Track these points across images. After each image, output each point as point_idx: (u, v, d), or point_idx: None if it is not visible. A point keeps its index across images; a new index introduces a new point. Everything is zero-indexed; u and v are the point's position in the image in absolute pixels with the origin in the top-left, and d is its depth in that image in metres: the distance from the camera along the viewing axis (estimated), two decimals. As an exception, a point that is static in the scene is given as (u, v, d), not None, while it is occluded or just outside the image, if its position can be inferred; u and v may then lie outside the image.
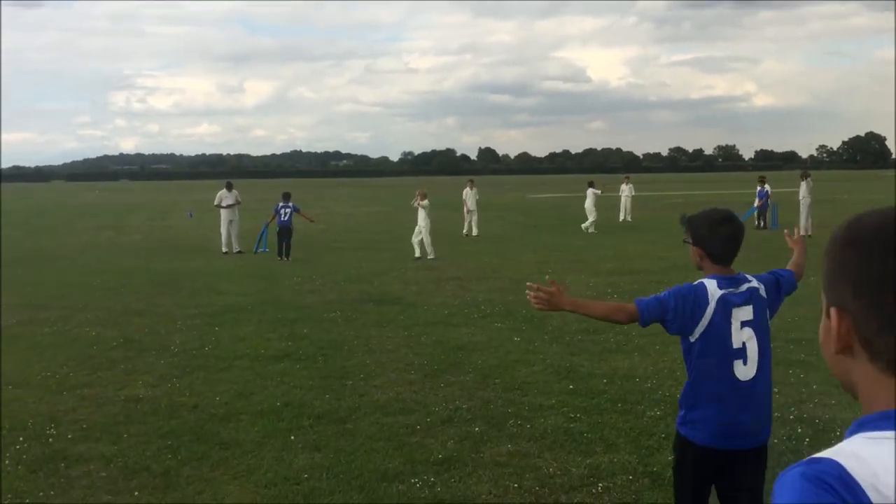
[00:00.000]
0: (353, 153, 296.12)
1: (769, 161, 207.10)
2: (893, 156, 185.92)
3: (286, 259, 18.73)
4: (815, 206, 23.26)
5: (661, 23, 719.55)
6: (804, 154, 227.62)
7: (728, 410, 3.30)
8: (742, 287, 3.35)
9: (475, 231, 24.73)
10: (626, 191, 30.15)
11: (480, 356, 8.57)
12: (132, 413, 6.80)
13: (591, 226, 25.32)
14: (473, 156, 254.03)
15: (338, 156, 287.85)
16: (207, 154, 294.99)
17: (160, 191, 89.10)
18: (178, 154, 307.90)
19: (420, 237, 18.36)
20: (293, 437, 6.04)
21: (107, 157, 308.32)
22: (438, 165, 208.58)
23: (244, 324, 10.76)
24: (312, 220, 21.42)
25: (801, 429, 6.00)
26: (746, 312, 3.34)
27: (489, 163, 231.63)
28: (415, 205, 18.75)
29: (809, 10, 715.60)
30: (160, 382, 7.77)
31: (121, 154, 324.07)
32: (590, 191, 26.02)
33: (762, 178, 26.80)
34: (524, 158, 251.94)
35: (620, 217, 29.51)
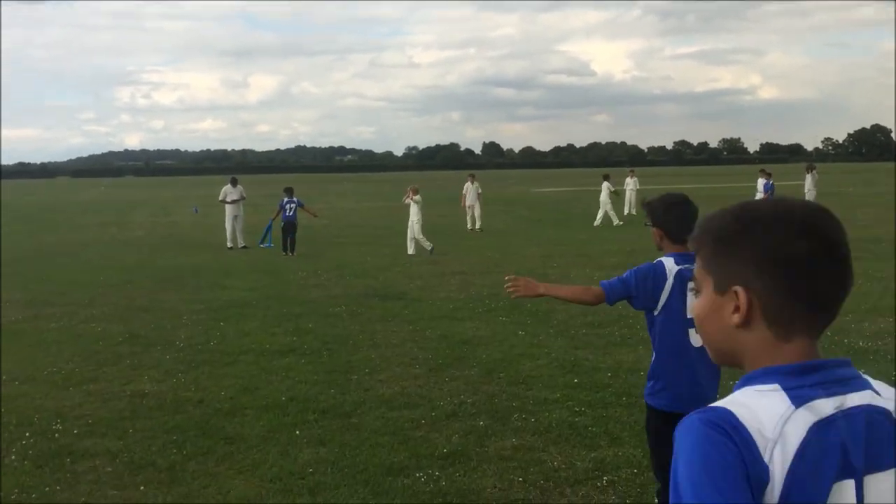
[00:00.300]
0: (358, 148, 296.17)
1: (774, 154, 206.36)
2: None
3: (291, 254, 18.74)
4: (821, 199, 23.18)
5: (666, 15, 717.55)
6: (809, 147, 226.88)
7: (686, 375, 3.64)
8: None
9: (478, 224, 24.74)
10: (631, 184, 30.15)
11: (485, 350, 8.57)
12: (138, 408, 6.81)
13: (605, 218, 25.99)
14: (478, 150, 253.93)
15: (342, 151, 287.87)
16: (212, 150, 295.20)
17: (165, 186, 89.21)
18: (183, 150, 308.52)
19: (417, 235, 18.31)
20: (298, 432, 6.05)
21: (112, 154, 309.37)
22: (443, 160, 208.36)
23: (249, 319, 10.77)
24: (316, 215, 21.43)
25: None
26: None
27: (493, 157, 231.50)
28: (406, 201, 18.73)
29: (814, 2, 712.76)
30: (166, 377, 7.79)
31: (125, 150, 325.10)
32: (605, 184, 26.82)
33: (763, 171, 26.79)
34: (528, 152, 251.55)
35: (625, 211, 29.46)
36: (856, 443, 1.15)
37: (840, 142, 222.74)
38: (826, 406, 1.15)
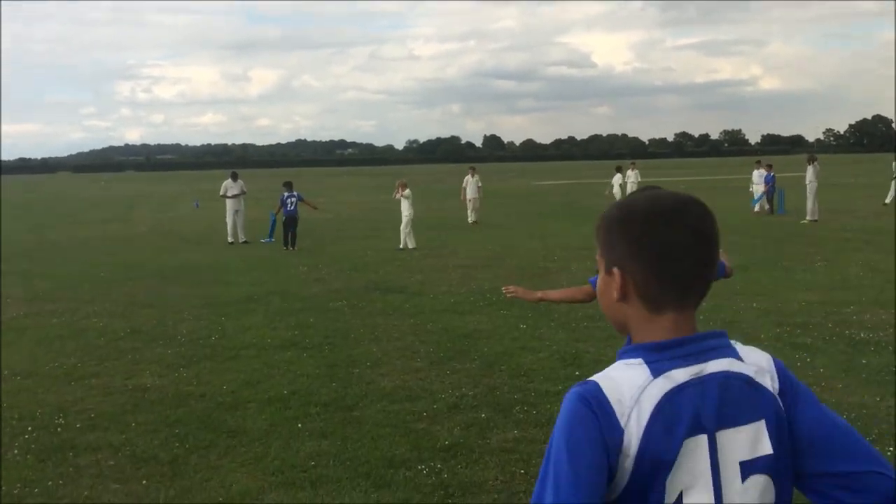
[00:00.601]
0: (359, 141, 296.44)
1: (776, 145, 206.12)
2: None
3: (292, 249, 18.75)
4: (822, 191, 23.11)
5: (666, 6, 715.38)
6: (811, 138, 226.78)
7: None
8: None
9: (472, 218, 24.71)
10: (633, 177, 30.12)
11: (486, 343, 8.58)
12: (140, 402, 6.82)
13: None
14: (478, 143, 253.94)
15: (343, 144, 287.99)
16: (213, 144, 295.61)
17: (166, 181, 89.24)
18: (184, 144, 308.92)
19: (408, 228, 18.30)
20: (300, 425, 6.06)
21: (112, 148, 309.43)
22: (444, 153, 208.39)
23: (251, 313, 10.78)
24: (316, 207, 21.44)
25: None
26: None
27: (494, 150, 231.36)
28: (396, 196, 18.70)
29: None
30: (167, 372, 7.80)
31: (126, 145, 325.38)
32: (617, 175, 28.42)
33: (759, 163, 26.88)
34: (529, 145, 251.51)
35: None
36: (708, 404, 1.34)
37: (841, 133, 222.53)
38: (681, 375, 1.35)
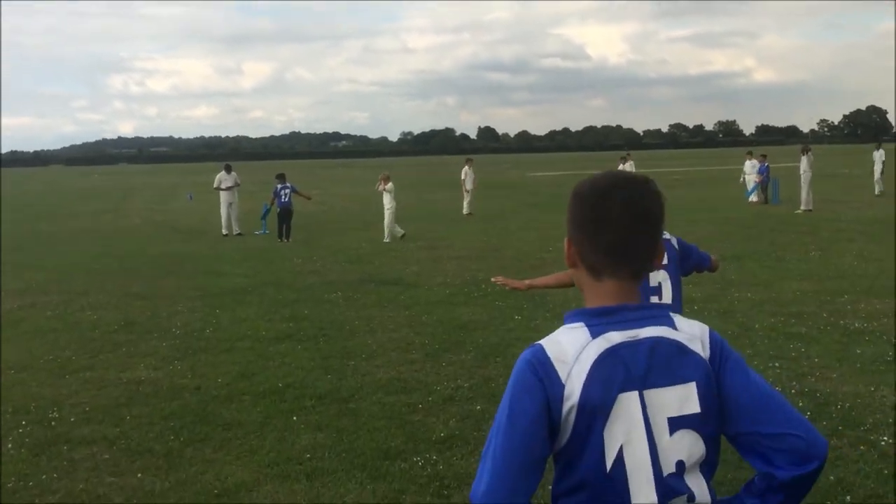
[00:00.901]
0: (353, 134, 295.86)
1: (770, 136, 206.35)
2: (894, 129, 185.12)
3: (286, 240, 18.72)
4: (817, 181, 23.16)
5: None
6: (805, 129, 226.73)
7: None
8: None
9: (467, 210, 24.68)
10: (628, 168, 30.34)
11: (482, 335, 8.58)
12: (134, 395, 6.81)
13: None
14: (473, 135, 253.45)
15: (337, 137, 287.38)
16: (206, 136, 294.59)
17: (159, 174, 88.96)
18: (177, 137, 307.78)
19: (388, 221, 18.25)
20: (295, 418, 6.05)
21: (105, 141, 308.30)
22: (438, 145, 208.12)
23: (245, 305, 10.76)
24: (310, 198, 21.40)
25: (803, 402, 5.99)
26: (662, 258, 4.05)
27: (489, 142, 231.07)
28: (379, 189, 18.65)
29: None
30: (162, 364, 7.78)
31: (119, 137, 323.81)
32: (621, 166, 29.01)
33: (750, 154, 26.95)
34: (524, 137, 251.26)
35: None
36: (638, 364, 1.52)
37: (835, 123, 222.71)
38: (617, 337, 1.54)
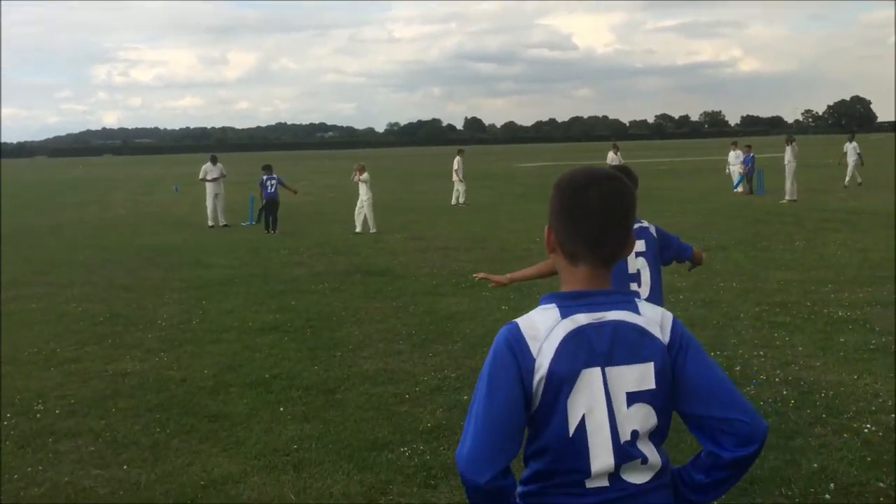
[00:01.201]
0: (339, 125, 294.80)
1: (755, 126, 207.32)
2: (878, 119, 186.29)
3: (273, 232, 18.66)
4: (801, 171, 23.25)
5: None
6: (790, 119, 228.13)
7: None
8: (635, 225, 3.99)
9: (462, 199, 24.68)
10: (616, 160, 30.33)
11: (468, 325, 8.59)
12: (120, 387, 6.78)
13: None
14: (460, 125, 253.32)
15: (323, 127, 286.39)
16: (191, 127, 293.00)
17: (144, 165, 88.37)
18: (162, 128, 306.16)
19: (363, 212, 18.21)
20: (282, 409, 6.04)
21: (89, 132, 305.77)
22: (425, 136, 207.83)
23: (232, 297, 10.72)
24: (296, 192, 21.33)
25: (787, 391, 6.04)
26: (639, 245, 4.22)
27: (476, 132, 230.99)
28: (354, 180, 18.61)
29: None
30: (148, 356, 7.75)
31: (103, 128, 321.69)
32: (610, 154, 30.65)
33: (735, 144, 27.11)
34: (510, 128, 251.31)
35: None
36: (602, 343, 1.71)
37: (820, 114, 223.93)
38: (584, 318, 1.72)
